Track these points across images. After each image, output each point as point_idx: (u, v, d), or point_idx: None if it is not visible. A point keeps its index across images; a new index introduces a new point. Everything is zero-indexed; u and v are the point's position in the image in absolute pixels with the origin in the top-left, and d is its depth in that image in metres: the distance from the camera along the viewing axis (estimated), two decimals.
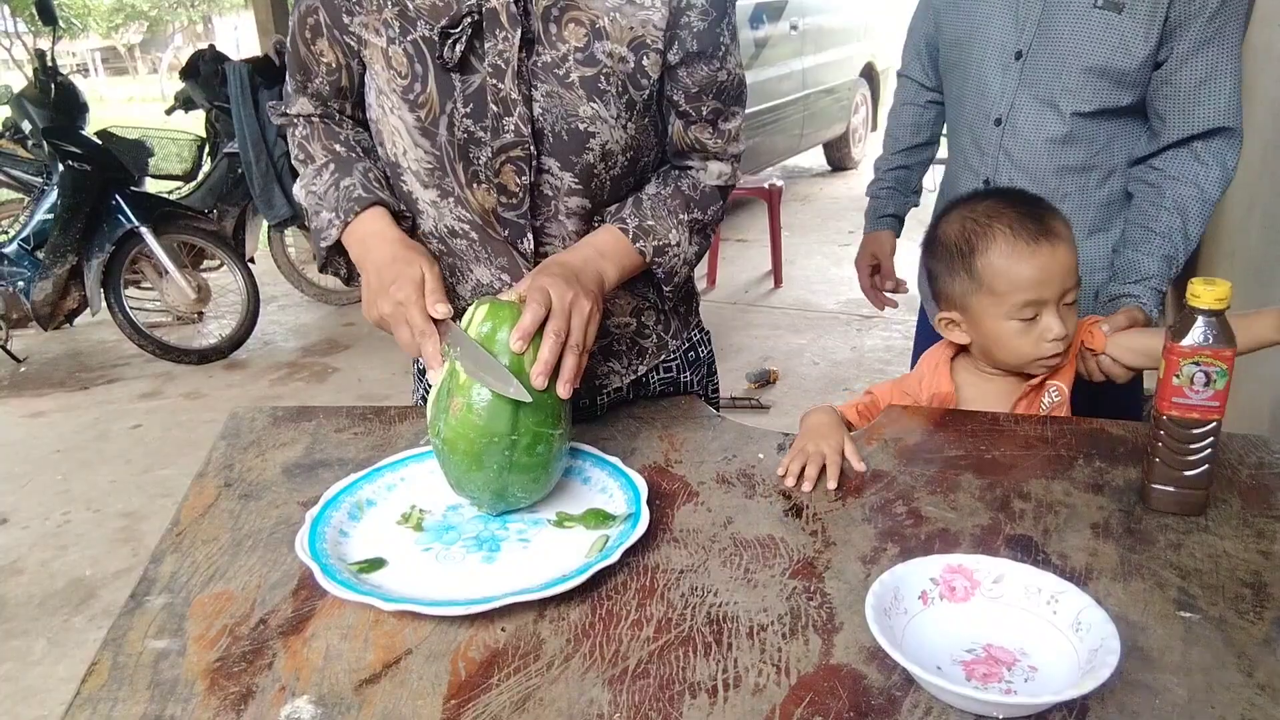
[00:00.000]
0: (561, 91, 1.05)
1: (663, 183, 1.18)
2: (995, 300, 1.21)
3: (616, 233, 1.12)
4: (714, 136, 1.17)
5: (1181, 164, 1.41)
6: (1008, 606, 0.82)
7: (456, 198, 1.13)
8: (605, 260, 1.09)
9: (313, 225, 1.15)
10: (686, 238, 1.16)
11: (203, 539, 1.00)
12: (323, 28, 1.11)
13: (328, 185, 1.13)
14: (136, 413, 4.00)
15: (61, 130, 4.23)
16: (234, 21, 24.22)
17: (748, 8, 6.08)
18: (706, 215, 1.19)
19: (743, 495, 1.05)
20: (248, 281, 4.49)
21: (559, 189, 1.11)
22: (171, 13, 25.11)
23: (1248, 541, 0.94)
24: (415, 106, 1.07)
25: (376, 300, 1.04)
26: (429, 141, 1.09)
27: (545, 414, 0.96)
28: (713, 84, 1.12)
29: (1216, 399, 0.94)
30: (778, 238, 5.28)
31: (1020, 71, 1.46)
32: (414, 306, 0.99)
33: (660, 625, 0.84)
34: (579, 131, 1.07)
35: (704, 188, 1.19)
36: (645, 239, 1.13)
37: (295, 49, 1.16)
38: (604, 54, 1.05)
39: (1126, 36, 1.35)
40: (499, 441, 0.94)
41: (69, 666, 2.40)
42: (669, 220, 1.15)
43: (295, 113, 1.21)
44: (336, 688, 0.77)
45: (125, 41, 25.70)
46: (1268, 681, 0.75)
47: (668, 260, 1.15)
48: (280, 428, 1.25)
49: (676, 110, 1.14)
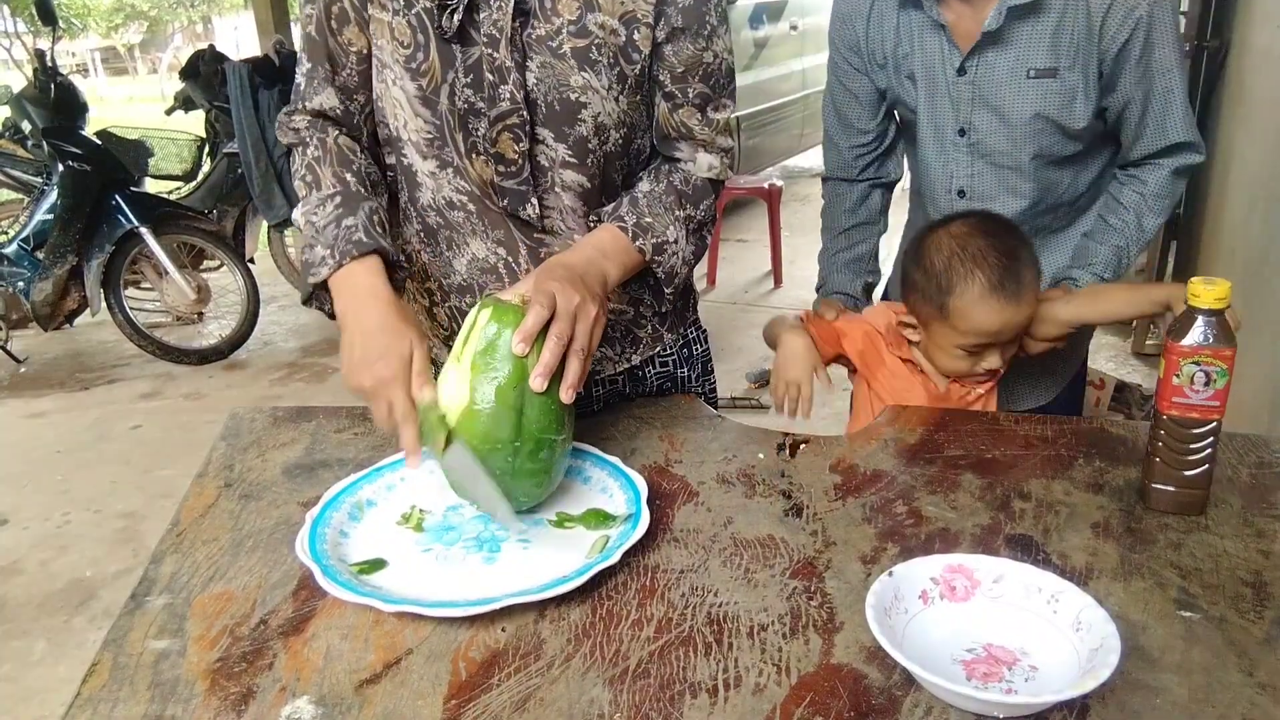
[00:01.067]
0: (554, 62, 1.07)
1: (655, 180, 1.17)
2: (953, 333, 1.32)
3: (615, 231, 1.12)
4: (702, 124, 1.17)
5: (1145, 170, 1.44)
6: (1008, 606, 0.82)
7: (455, 168, 1.13)
8: (607, 260, 1.09)
9: (305, 257, 1.10)
10: (684, 235, 1.16)
11: (203, 539, 1.00)
12: (349, 13, 1.11)
13: (329, 219, 1.08)
14: (136, 413, 4.00)
15: (61, 130, 4.23)
16: (234, 21, 24.22)
17: (748, 8, 6.08)
18: (700, 212, 1.19)
19: (743, 495, 1.05)
20: (248, 282, 4.49)
21: (554, 160, 1.12)
22: (171, 13, 25.11)
23: (1248, 541, 0.94)
24: (417, 75, 1.09)
25: (359, 370, 0.98)
26: (429, 111, 1.10)
27: (549, 419, 0.95)
28: (698, 65, 1.12)
29: (1216, 399, 0.95)
30: (777, 238, 5.28)
31: (969, 146, 1.45)
32: (399, 387, 0.95)
33: (661, 625, 0.84)
34: (570, 101, 1.08)
35: (695, 181, 1.18)
36: (644, 236, 1.12)
37: (322, 40, 1.13)
38: (596, 25, 1.07)
39: (1067, 97, 1.36)
40: (502, 448, 0.94)
41: (69, 667, 2.40)
42: (665, 217, 1.14)
43: (315, 108, 1.16)
44: (337, 688, 0.77)
45: (125, 41, 25.71)
46: (1268, 681, 0.75)
47: (667, 259, 1.15)
48: (280, 428, 1.25)
49: (663, 91, 1.14)
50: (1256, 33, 3.08)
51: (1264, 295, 2.39)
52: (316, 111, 1.16)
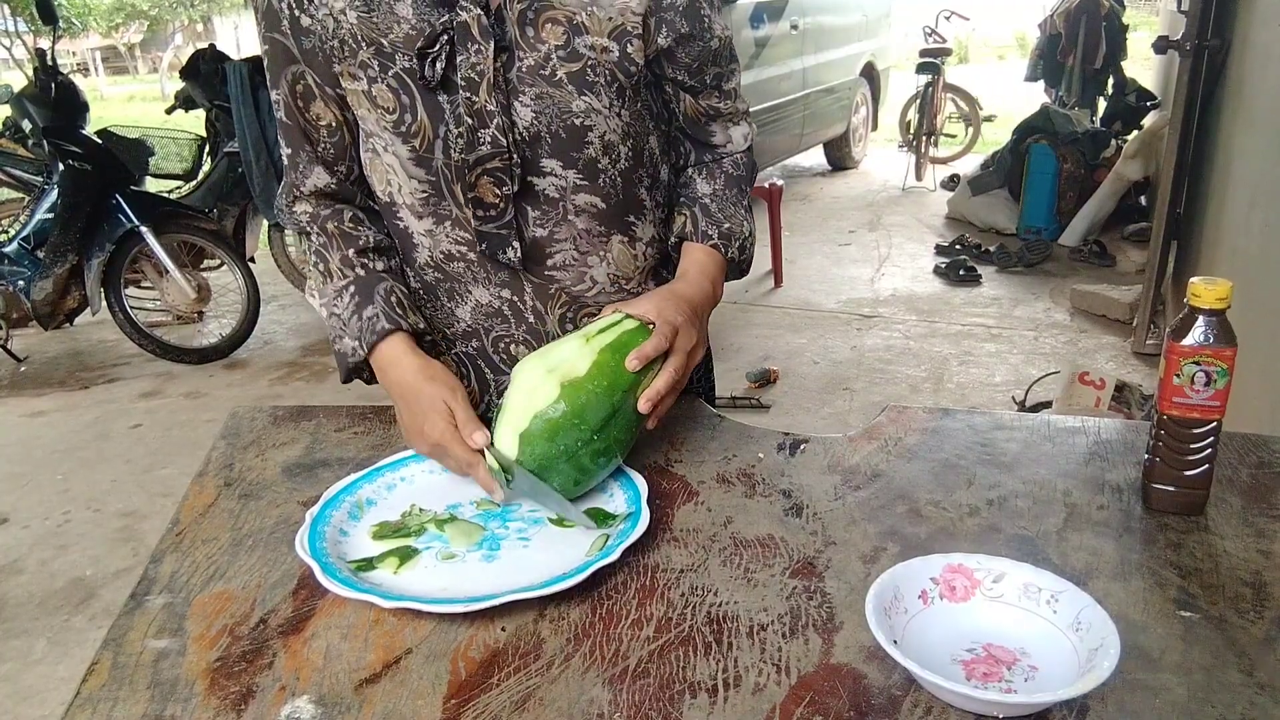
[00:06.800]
0: (551, 91, 1.05)
1: (711, 178, 1.22)
2: None
3: (712, 252, 1.19)
4: (722, 99, 1.20)
5: None
6: (1007, 606, 0.82)
7: (454, 220, 1.12)
8: (715, 287, 1.18)
9: (336, 348, 1.15)
10: (751, 218, 1.24)
11: (203, 539, 1.00)
12: (313, 90, 1.09)
13: (349, 311, 1.12)
14: (136, 412, 4.00)
15: (62, 130, 4.23)
16: (234, 21, 24.22)
17: (748, 7, 6.08)
18: (750, 185, 1.26)
19: (743, 495, 1.05)
20: (248, 281, 4.50)
21: (565, 188, 1.11)
22: (171, 12, 25.07)
23: (1248, 541, 0.94)
24: (409, 137, 1.06)
25: (414, 440, 1.08)
26: (423, 170, 1.09)
27: (627, 436, 1.02)
28: (708, 54, 1.15)
29: (1217, 399, 0.94)
30: (778, 237, 5.29)
31: None
32: (452, 443, 1.01)
33: (660, 625, 0.84)
34: (576, 127, 1.07)
35: (741, 160, 1.25)
36: (732, 244, 1.20)
37: (293, 122, 1.12)
38: (586, 47, 1.05)
39: None
40: (584, 430, 0.97)
41: (69, 666, 2.40)
42: (738, 213, 1.22)
43: (310, 190, 1.16)
44: (337, 687, 0.77)
45: (125, 41, 25.70)
46: (1268, 681, 0.75)
47: (748, 252, 1.23)
48: (280, 427, 1.25)
49: (683, 87, 1.17)
50: (1256, 33, 3.08)
51: (1264, 295, 2.39)
52: (314, 192, 1.16)
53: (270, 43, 1.08)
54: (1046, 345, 4.30)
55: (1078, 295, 4.76)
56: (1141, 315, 4.14)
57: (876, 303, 4.95)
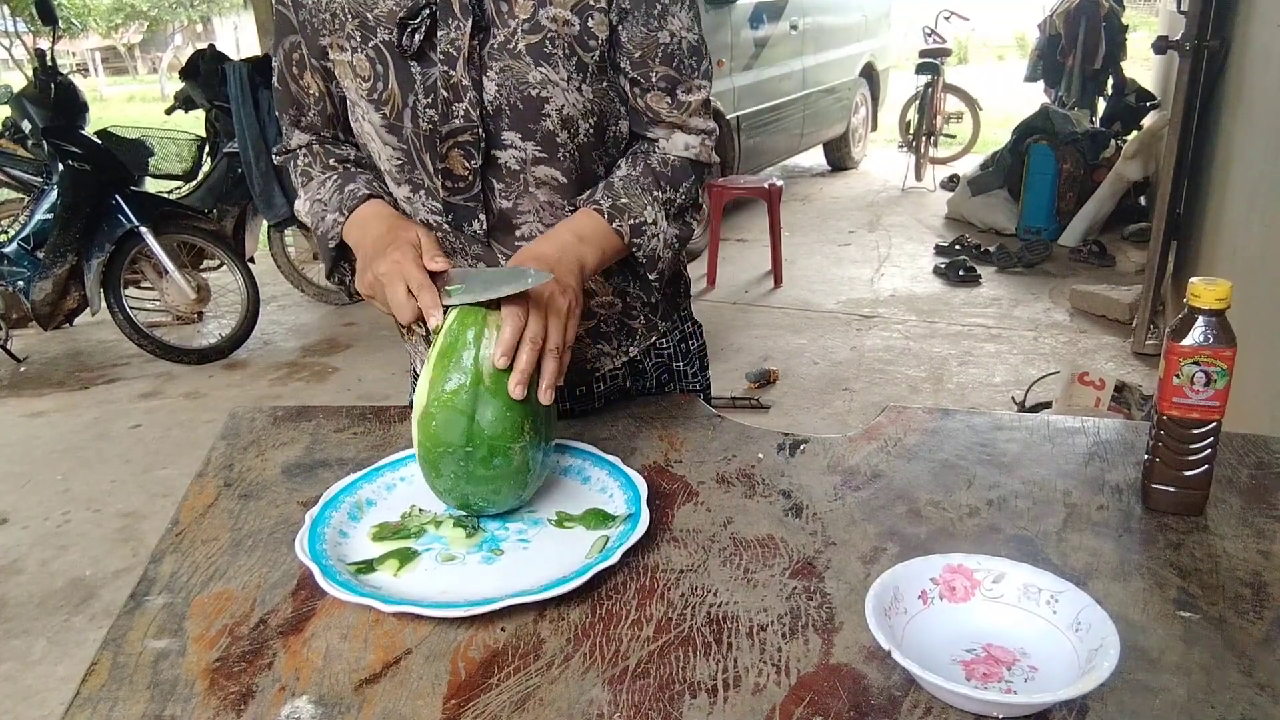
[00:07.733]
0: (511, 64, 1.07)
1: (632, 163, 1.17)
2: None
3: (591, 214, 1.10)
4: (671, 108, 1.14)
5: None
6: (1007, 606, 0.82)
7: (427, 189, 1.15)
8: (584, 245, 1.07)
9: (318, 231, 1.17)
10: (663, 216, 1.15)
11: (203, 539, 1.00)
12: (306, 60, 1.16)
13: (331, 191, 1.17)
14: (136, 412, 4.00)
15: (61, 130, 4.23)
16: (234, 21, 24.22)
17: (748, 7, 6.09)
18: (680, 195, 1.16)
19: (742, 495, 1.05)
20: (248, 281, 4.50)
21: (525, 160, 1.12)
22: (171, 12, 25.09)
23: (1248, 541, 0.94)
24: (380, 104, 1.10)
25: (371, 263, 1.02)
26: (395, 137, 1.12)
27: (504, 426, 0.94)
28: (655, 46, 1.10)
29: (1217, 399, 0.94)
30: (778, 237, 5.29)
31: None
32: (410, 262, 0.98)
33: (660, 625, 0.84)
34: (532, 98, 1.08)
35: (673, 161, 1.16)
36: (621, 218, 1.10)
37: (285, 87, 1.20)
38: (548, 19, 1.06)
39: None
40: (453, 452, 0.94)
41: (69, 666, 2.40)
42: (643, 198, 1.13)
43: (295, 145, 1.24)
44: (336, 688, 0.77)
45: (125, 41, 25.70)
46: (1268, 681, 0.75)
47: (646, 240, 1.13)
48: (280, 428, 1.25)
49: (627, 77, 1.13)
50: (1256, 33, 3.08)
51: (1264, 295, 2.39)
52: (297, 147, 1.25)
53: (277, 12, 1.17)
54: (1046, 345, 4.30)
55: (1077, 295, 4.77)
56: (1141, 315, 4.14)
57: (876, 303, 4.95)
